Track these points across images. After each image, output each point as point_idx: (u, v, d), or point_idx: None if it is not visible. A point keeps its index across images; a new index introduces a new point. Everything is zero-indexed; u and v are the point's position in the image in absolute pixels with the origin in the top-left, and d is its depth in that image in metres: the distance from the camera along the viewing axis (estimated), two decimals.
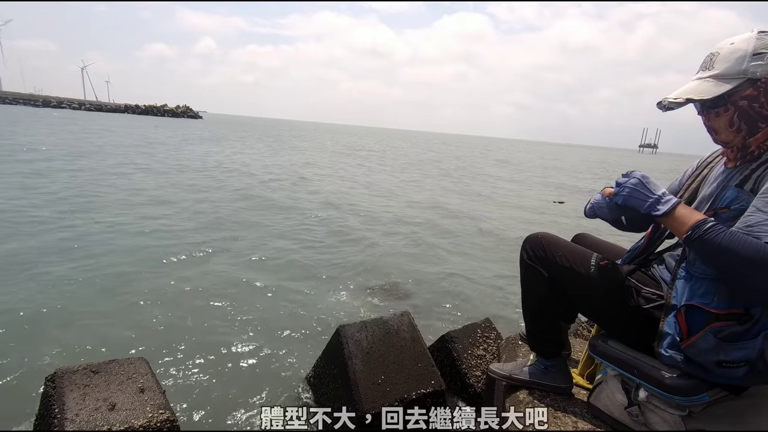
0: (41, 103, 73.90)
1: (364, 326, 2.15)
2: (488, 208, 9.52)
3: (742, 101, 1.03)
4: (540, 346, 1.50)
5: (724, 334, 1.02)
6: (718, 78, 1.05)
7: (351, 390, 1.90)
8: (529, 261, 1.41)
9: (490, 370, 1.63)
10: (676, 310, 1.09)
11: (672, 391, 1.10)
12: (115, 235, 5.19)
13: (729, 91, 1.03)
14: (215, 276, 4.14)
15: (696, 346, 1.05)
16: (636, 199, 1.13)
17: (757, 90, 1.01)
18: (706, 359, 1.04)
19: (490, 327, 2.57)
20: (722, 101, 1.05)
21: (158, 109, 78.67)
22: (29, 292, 3.46)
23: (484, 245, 6.28)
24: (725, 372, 1.04)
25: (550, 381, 1.47)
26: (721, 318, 1.02)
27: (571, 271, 1.31)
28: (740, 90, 1.02)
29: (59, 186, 7.76)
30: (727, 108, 1.06)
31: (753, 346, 1.01)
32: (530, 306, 1.48)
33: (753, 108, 1.03)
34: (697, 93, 1.06)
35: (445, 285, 4.47)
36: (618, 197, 1.16)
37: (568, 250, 1.35)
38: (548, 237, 1.41)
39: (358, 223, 7.02)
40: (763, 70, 1.00)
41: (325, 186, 10.72)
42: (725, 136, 1.10)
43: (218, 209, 7.06)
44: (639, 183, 1.13)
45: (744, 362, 1.02)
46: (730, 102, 1.04)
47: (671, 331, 1.10)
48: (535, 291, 1.43)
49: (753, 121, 1.05)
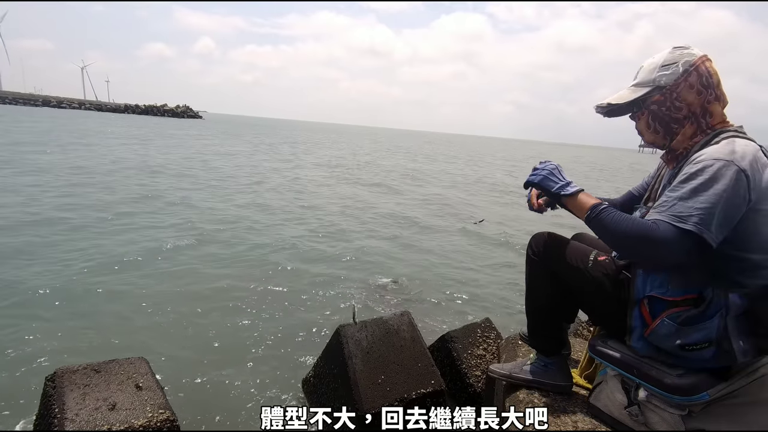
0: (41, 102, 73.89)
1: (364, 326, 2.15)
2: (483, 208, 9.53)
3: (653, 105, 1.20)
4: (541, 343, 1.51)
5: (682, 319, 1.10)
6: (635, 86, 1.23)
7: (351, 390, 1.90)
8: (534, 257, 1.45)
9: (490, 370, 1.64)
10: (639, 302, 1.17)
11: (672, 391, 1.11)
12: (116, 235, 5.20)
13: (641, 96, 1.20)
14: (215, 277, 4.15)
15: (656, 333, 1.12)
16: (549, 180, 1.29)
17: (663, 96, 1.17)
18: (669, 345, 1.11)
19: (490, 327, 2.57)
20: (638, 106, 1.23)
21: (158, 108, 78.57)
22: (29, 293, 3.47)
23: (485, 245, 6.28)
24: (691, 355, 1.10)
25: (549, 379, 1.47)
26: (678, 304, 1.11)
27: (572, 267, 1.34)
28: (651, 96, 1.19)
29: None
30: (643, 112, 1.23)
31: (710, 326, 1.07)
32: (534, 302, 1.51)
33: (662, 111, 1.19)
34: (615, 98, 1.25)
35: (445, 285, 4.47)
36: (534, 176, 1.32)
37: (570, 247, 1.39)
38: (553, 235, 1.45)
39: (357, 224, 7.02)
40: (668, 79, 1.16)
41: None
42: (648, 136, 1.26)
43: (221, 213, 7.06)
44: (555, 169, 1.31)
45: (706, 343, 1.07)
46: (645, 107, 1.22)
47: (637, 324, 1.17)
48: (539, 287, 1.46)
49: (665, 123, 1.20)
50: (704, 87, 1.14)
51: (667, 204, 1.07)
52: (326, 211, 7.69)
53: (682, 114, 1.17)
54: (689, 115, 1.16)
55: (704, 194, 1.02)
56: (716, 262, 1.09)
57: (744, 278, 1.08)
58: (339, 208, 8.09)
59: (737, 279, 1.09)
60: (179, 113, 78.01)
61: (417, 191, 11.22)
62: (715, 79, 1.14)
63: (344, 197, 9.29)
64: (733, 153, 1.04)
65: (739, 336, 1.06)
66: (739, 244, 1.06)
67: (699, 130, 1.17)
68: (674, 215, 1.04)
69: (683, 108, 1.16)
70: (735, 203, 1.02)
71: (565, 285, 1.39)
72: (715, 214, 1.01)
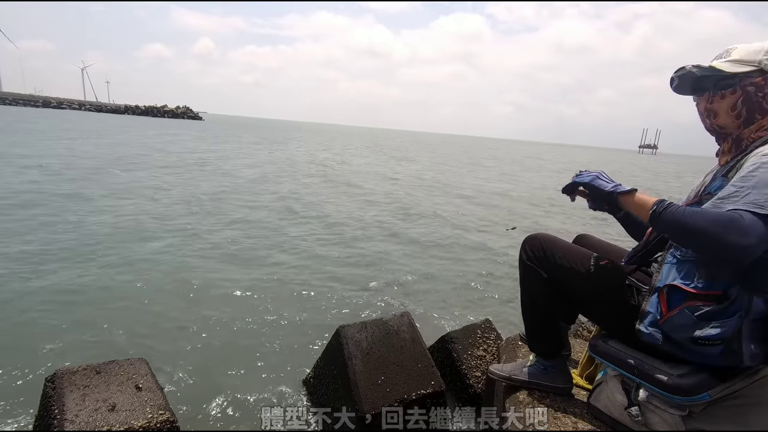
0: (41, 104, 73.88)
1: (364, 327, 2.15)
2: (485, 209, 9.53)
3: (750, 87, 1.11)
4: (539, 346, 1.50)
5: (701, 313, 1.06)
6: (734, 62, 1.12)
7: (351, 390, 1.90)
8: (528, 261, 1.42)
9: (489, 372, 1.63)
10: (659, 290, 1.14)
11: (672, 391, 1.11)
12: (117, 234, 5.20)
13: (743, 73, 1.10)
14: (215, 277, 4.15)
15: (672, 322, 1.10)
16: (601, 181, 1.27)
17: (765, 80, 1.09)
18: (682, 336, 1.09)
19: (490, 327, 2.57)
20: (733, 81, 1.12)
21: (158, 109, 78.53)
22: (30, 292, 3.46)
23: (484, 245, 6.28)
24: (701, 349, 1.07)
25: (549, 381, 1.47)
26: (700, 297, 1.07)
27: (571, 271, 1.32)
28: (751, 76, 1.10)
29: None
30: (735, 90, 1.13)
31: (729, 324, 1.04)
32: (529, 307, 1.49)
33: (757, 95, 1.10)
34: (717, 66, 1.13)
35: (446, 285, 4.47)
36: (583, 177, 1.30)
37: (567, 250, 1.37)
38: (547, 237, 1.42)
39: (358, 224, 7.02)
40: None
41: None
42: (724, 119, 1.16)
43: (219, 206, 7.07)
44: (601, 173, 1.30)
45: (719, 340, 1.05)
46: (740, 85, 1.12)
47: (652, 310, 1.15)
48: (535, 291, 1.44)
49: (752, 109, 1.12)
50: None
51: (740, 194, 1.00)
52: (325, 210, 7.69)
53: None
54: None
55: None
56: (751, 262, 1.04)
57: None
58: (335, 207, 8.09)
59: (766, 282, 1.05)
60: (179, 114, 78.01)
61: (413, 194, 11.21)
62: None
63: (337, 194, 9.30)
64: None
65: (751, 339, 1.05)
66: None
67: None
68: (752, 203, 0.97)
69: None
70: None
71: (562, 288, 1.37)
72: None
